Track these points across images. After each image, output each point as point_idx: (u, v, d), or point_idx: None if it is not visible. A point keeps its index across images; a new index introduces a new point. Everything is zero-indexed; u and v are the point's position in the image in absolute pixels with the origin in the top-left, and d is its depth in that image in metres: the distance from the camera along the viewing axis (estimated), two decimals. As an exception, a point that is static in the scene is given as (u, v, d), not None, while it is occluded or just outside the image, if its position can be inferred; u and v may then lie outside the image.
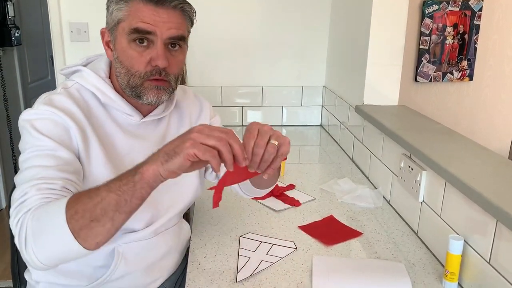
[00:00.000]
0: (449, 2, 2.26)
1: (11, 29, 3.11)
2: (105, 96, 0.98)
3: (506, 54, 2.40)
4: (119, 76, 0.97)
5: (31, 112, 0.92)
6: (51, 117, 0.91)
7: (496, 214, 0.89)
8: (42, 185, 0.82)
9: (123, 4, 0.92)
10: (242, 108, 2.46)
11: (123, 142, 1.00)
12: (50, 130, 0.90)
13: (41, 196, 0.80)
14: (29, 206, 0.80)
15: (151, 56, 0.93)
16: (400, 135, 1.36)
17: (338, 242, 1.22)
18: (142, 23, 0.91)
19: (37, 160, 0.87)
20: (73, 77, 1.01)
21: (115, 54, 0.96)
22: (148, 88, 0.95)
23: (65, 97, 0.95)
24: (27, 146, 0.89)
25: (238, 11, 2.33)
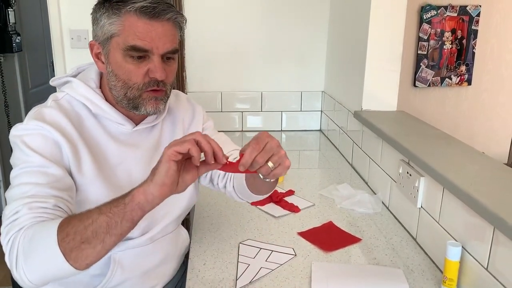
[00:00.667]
0: (447, 7, 2.28)
1: (12, 36, 3.12)
2: (96, 107, 0.98)
3: (504, 58, 2.41)
4: (113, 88, 0.96)
5: (21, 127, 0.92)
6: (40, 132, 0.91)
7: (493, 220, 0.89)
8: (33, 204, 0.82)
9: (115, 18, 0.91)
10: (241, 114, 2.47)
11: (115, 152, 1.00)
12: (40, 146, 0.90)
13: (33, 215, 0.81)
14: (20, 225, 0.80)
15: (149, 68, 0.93)
16: (398, 141, 1.37)
17: (337, 248, 1.22)
18: (139, 41, 0.90)
19: (28, 177, 0.86)
20: (64, 88, 1.01)
21: (109, 67, 0.95)
22: (146, 99, 0.96)
23: (56, 110, 0.95)
24: (18, 162, 0.89)
25: (237, 17, 2.34)
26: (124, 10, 0.90)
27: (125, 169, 1.02)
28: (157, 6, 0.90)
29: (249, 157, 0.80)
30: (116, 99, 0.98)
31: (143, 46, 0.91)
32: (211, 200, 1.52)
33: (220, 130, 1.25)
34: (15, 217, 0.81)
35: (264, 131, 0.86)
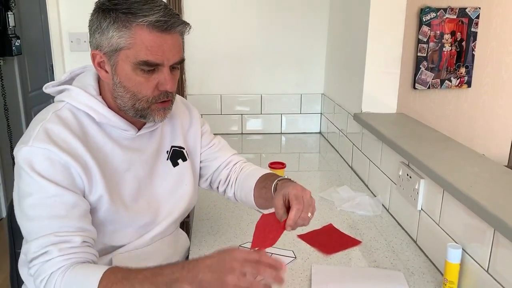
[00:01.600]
0: (446, 9, 2.28)
1: (11, 39, 3.12)
2: (100, 115, 0.96)
3: (504, 60, 2.41)
4: (120, 99, 0.95)
5: (26, 150, 0.89)
6: (49, 155, 0.88)
7: (494, 223, 0.89)
8: (63, 245, 0.85)
9: (125, 31, 0.89)
10: (241, 116, 2.46)
11: (122, 158, 0.99)
12: (51, 173, 0.88)
13: (64, 258, 0.85)
14: (53, 267, 0.84)
15: (159, 81, 0.93)
16: (398, 143, 1.36)
17: (337, 251, 1.22)
18: (151, 56, 0.89)
19: (45, 210, 0.87)
20: (62, 96, 0.98)
21: (116, 78, 0.93)
22: (155, 110, 0.96)
23: (58, 125, 0.92)
24: (31, 190, 0.87)
25: (237, 20, 2.35)
26: (135, 23, 0.88)
27: (134, 175, 1.02)
28: (169, 19, 0.89)
29: (295, 217, 0.89)
30: (122, 108, 0.97)
31: (155, 61, 0.91)
32: (210, 203, 1.52)
33: (220, 133, 1.26)
34: (46, 258, 0.84)
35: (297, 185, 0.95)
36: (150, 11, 0.88)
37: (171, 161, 1.10)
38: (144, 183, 1.04)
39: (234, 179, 1.20)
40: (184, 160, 1.13)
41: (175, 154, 1.11)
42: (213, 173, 1.22)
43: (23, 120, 3.54)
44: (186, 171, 1.13)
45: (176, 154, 1.12)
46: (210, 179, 1.23)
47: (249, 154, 2.23)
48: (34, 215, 0.87)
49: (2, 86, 3.14)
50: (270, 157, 2.01)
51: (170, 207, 1.09)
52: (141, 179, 1.03)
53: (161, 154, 1.09)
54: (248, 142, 2.40)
